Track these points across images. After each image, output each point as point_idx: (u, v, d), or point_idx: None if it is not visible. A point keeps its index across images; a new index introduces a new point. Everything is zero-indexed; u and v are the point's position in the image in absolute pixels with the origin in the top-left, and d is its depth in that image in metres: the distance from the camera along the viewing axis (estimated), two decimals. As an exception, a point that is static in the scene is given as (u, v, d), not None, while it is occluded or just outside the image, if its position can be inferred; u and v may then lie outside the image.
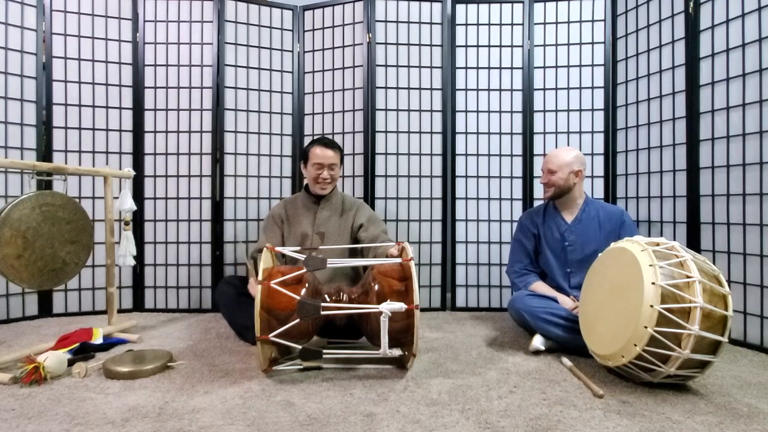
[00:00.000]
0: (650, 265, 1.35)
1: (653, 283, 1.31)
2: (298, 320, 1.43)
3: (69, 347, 1.67)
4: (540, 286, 1.98)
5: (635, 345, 1.31)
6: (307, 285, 1.53)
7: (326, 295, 1.58)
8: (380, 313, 1.42)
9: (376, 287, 1.53)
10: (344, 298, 1.59)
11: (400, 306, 1.42)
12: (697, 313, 1.28)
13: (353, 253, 2.08)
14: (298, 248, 1.76)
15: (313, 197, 2.10)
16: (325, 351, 1.48)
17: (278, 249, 1.71)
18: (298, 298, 1.44)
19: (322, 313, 1.44)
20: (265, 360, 1.50)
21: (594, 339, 1.54)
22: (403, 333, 1.48)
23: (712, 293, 1.33)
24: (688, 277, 1.33)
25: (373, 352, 1.48)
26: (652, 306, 1.29)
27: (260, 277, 1.47)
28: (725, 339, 1.30)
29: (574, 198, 1.99)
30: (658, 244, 1.45)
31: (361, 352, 1.59)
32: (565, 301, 1.86)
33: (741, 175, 1.87)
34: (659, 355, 1.31)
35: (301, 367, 1.55)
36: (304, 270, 1.52)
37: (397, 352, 1.48)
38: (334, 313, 1.53)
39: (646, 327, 1.29)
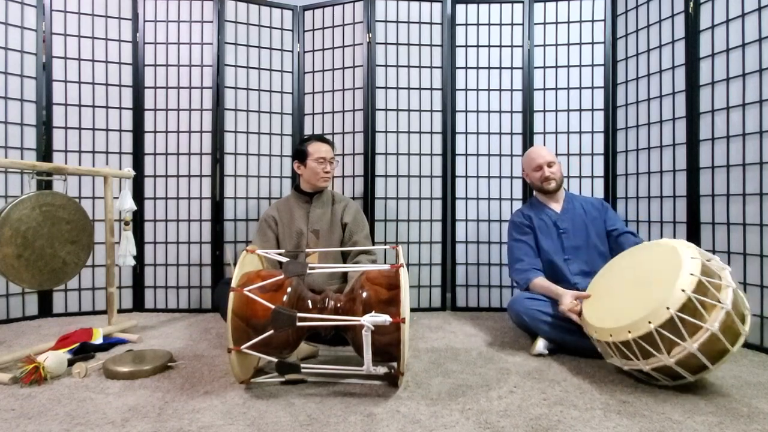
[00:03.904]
0: (692, 258, 1.37)
1: (692, 274, 1.32)
2: (272, 331, 1.32)
3: (69, 347, 1.67)
4: (539, 282, 1.88)
5: (650, 322, 1.31)
6: (288, 291, 1.41)
7: (310, 302, 1.45)
8: (363, 326, 1.30)
9: (364, 295, 1.40)
10: (329, 306, 1.45)
11: (384, 319, 1.29)
12: (721, 314, 1.28)
13: (345, 255, 2.09)
14: (283, 251, 1.69)
15: (306, 196, 2.12)
16: (303, 366, 1.40)
17: (260, 252, 1.61)
18: (273, 306, 1.32)
19: (299, 324, 1.33)
20: (245, 371, 1.43)
21: (595, 311, 1.54)
22: (394, 346, 1.35)
23: (736, 308, 1.32)
24: (721, 279, 1.34)
25: (358, 368, 1.38)
26: (683, 290, 1.30)
27: (235, 283, 1.38)
28: (734, 349, 1.30)
29: (562, 189, 2.08)
30: (710, 260, 1.44)
31: (344, 368, 1.47)
32: (565, 300, 1.70)
33: (741, 175, 1.87)
34: (668, 340, 1.30)
35: (283, 380, 1.44)
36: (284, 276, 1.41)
37: (382, 370, 1.37)
38: (312, 325, 1.39)
39: (668, 308, 1.30)
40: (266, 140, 2.68)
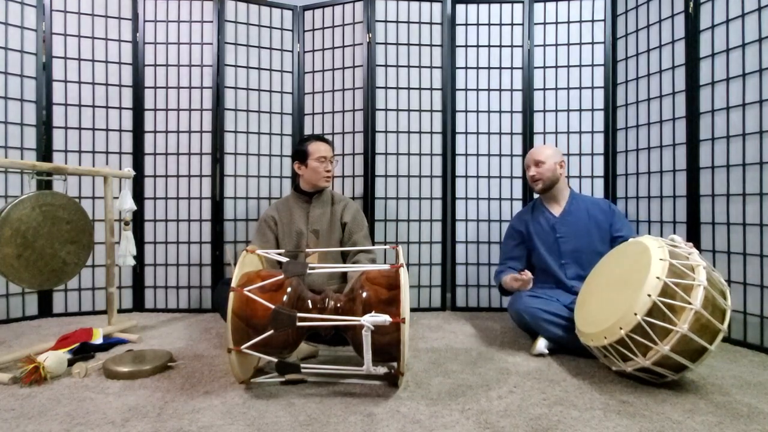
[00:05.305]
0: (661, 259, 1.37)
1: (658, 278, 1.33)
2: (272, 331, 1.32)
3: (69, 347, 1.67)
4: (505, 279, 1.97)
5: (620, 328, 1.35)
6: (288, 291, 1.40)
7: (310, 302, 1.44)
8: (363, 325, 1.30)
9: (364, 295, 1.39)
10: (329, 306, 1.44)
11: (384, 319, 1.29)
12: (690, 315, 1.29)
13: (345, 254, 2.09)
14: (283, 251, 1.69)
15: (305, 196, 2.12)
16: (303, 366, 1.41)
17: (260, 252, 1.61)
18: (273, 307, 1.32)
19: (299, 324, 1.33)
20: (245, 371, 1.44)
21: (583, 315, 1.59)
22: (394, 346, 1.34)
23: (714, 305, 1.33)
24: (693, 279, 1.34)
25: (357, 368, 1.37)
26: (649, 295, 1.32)
27: (235, 283, 1.38)
28: (712, 347, 1.31)
29: (560, 190, 2.05)
30: (677, 246, 1.47)
31: (344, 368, 1.47)
32: (506, 279, 1.94)
33: (741, 175, 1.87)
34: (641, 343, 1.33)
35: (283, 380, 1.44)
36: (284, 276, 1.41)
37: (382, 370, 1.37)
38: (312, 325, 1.39)
39: (636, 314, 1.32)
40: (266, 140, 2.68)
